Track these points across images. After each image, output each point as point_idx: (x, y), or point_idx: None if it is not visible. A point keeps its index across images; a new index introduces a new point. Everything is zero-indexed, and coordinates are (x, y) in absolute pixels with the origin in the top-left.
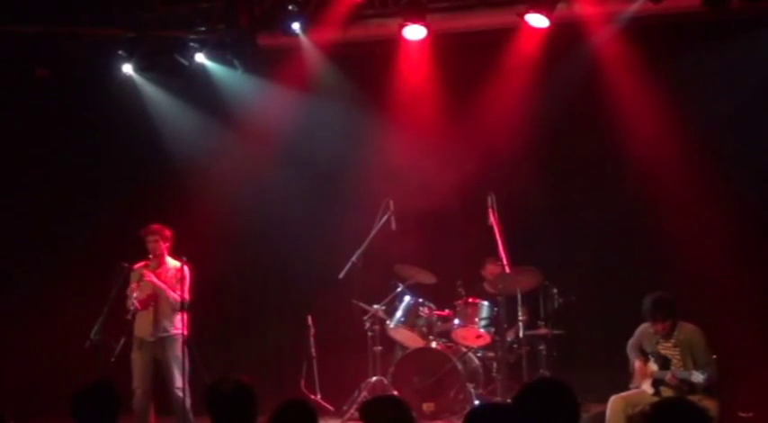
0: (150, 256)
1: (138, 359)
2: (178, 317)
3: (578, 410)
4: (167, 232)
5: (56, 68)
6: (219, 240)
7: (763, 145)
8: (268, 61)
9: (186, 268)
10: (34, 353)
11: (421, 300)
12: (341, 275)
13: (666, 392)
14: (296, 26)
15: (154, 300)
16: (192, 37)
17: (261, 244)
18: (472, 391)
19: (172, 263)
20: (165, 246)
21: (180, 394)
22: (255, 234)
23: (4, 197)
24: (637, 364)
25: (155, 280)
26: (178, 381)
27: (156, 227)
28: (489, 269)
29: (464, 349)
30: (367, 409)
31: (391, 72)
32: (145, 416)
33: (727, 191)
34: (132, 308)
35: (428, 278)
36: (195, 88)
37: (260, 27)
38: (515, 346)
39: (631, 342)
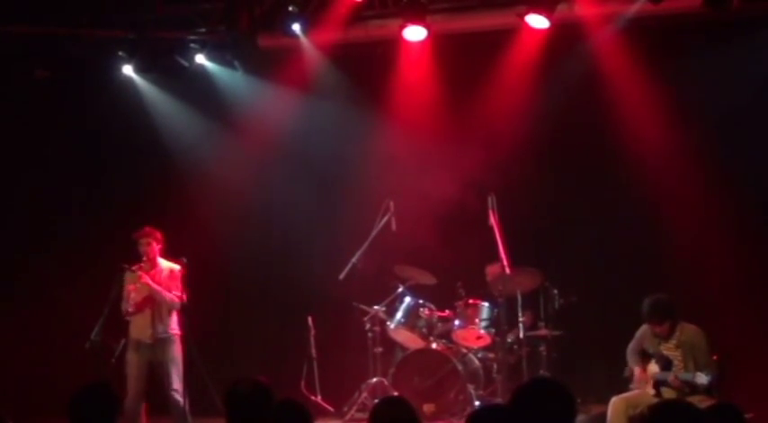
0: (144, 259)
1: (133, 361)
2: (175, 318)
3: (575, 408)
4: (159, 234)
5: (56, 69)
6: (220, 241)
7: (763, 145)
8: (268, 62)
9: (178, 268)
10: (34, 353)
11: (421, 301)
12: (341, 276)
13: (668, 393)
14: (296, 27)
15: (150, 302)
16: (192, 38)
17: (261, 244)
18: (472, 392)
19: (164, 264)
20: (157, 248)
21: (177, 396)
22: (256, 235)
23: (3, 197)
24: (636, 370)
25: (150, 282)
26: (175, 382)
27: (148, 229)
28: (490, 271)
29: (464, 350)
30: (377, 411)
31: (391, 73)
32: (136, 417)
33: (728, 191)
34: (130, 309)
35: (428, 279)
36: (195, 89)
37: (260, 28)
38: (515, 347)
39: (631, 346)
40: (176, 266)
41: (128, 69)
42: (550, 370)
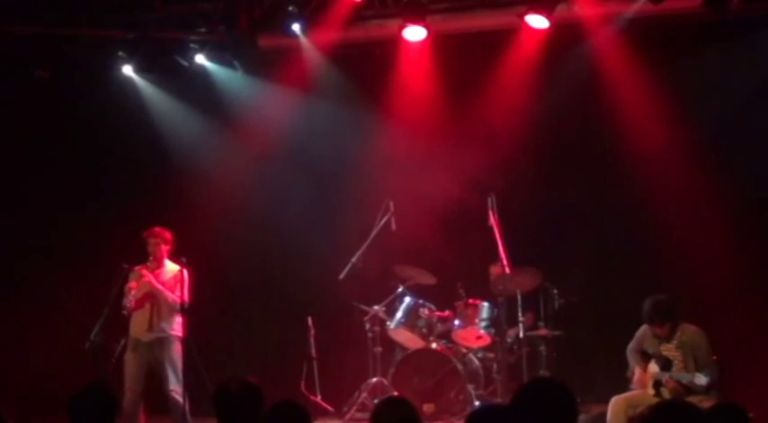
0: (150, 259)
1: (131, 360)
2: (177, 318)
3: (576, 408)
4: (168, 235)
5: (56, 69)
6: (220, 242)
7: (763, 145)
8: (268, 62)
9: (185, 271)
10: (34, 353)
11: (421, 301)
12: (341, 276)
13: (667, 393)
14: (296, 27)
15: (150, 300)
16: (192, 38)
17: (261, 245)
18: (472, 392)
19: (170, 266)
20: (165, 249)
21: (176, 396)
22: (256, 235)
23: (3, 198)
24: (637, 370)
25: (152, 280)
26: (174, 382)
27: (157, 229)
28: (493, 271)
29: (464, 350)
30: (378, 411)
31: (391, 73)
32: (134, 417)
33: (728, 191)
34: (129, 305)
35: (428, 279)
36: (195, 89)
37: (260, 28)
38: (515, 346)
39: (631, 346)
40: (183, 269)
41: (128, 69)
42: (550, 370)
